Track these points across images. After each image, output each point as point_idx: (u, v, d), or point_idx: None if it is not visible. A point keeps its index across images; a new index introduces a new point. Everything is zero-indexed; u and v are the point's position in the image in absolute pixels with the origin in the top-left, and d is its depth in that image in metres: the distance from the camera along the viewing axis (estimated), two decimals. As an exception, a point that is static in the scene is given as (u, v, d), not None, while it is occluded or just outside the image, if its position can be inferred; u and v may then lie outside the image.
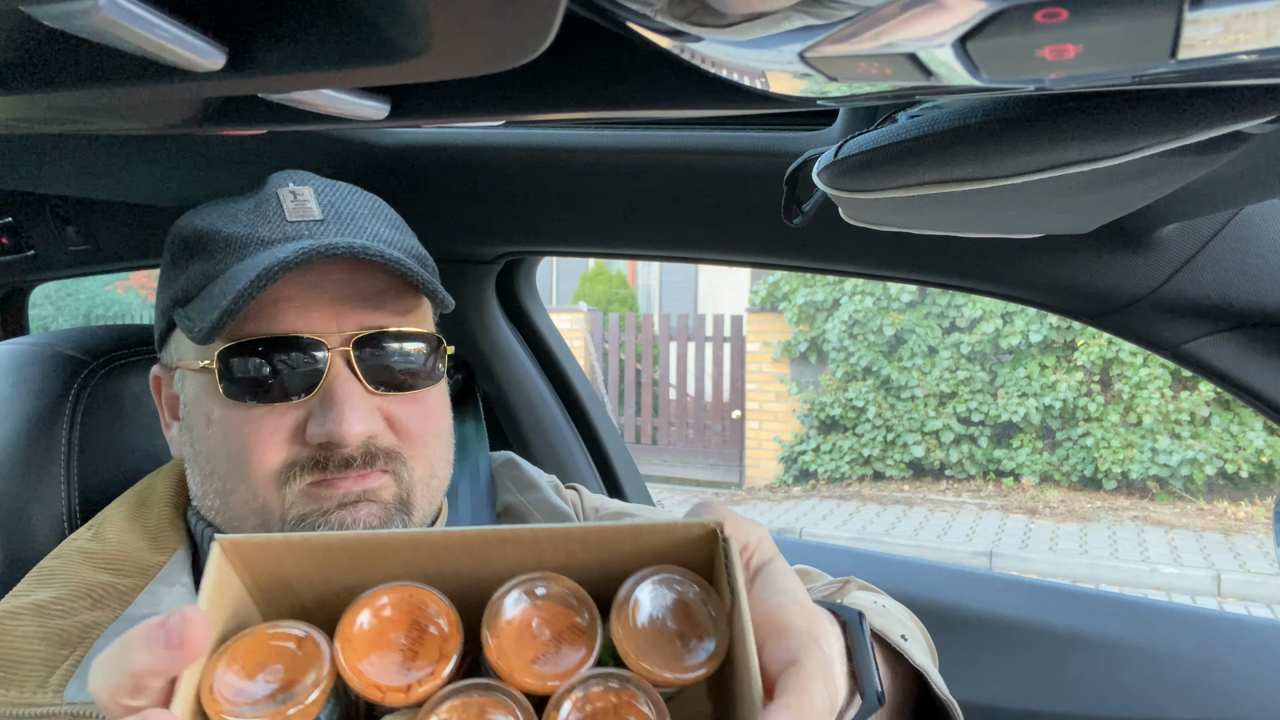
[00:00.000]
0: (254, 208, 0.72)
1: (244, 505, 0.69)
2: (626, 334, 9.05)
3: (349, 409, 0.67)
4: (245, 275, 0.65)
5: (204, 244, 0.71)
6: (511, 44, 0.38)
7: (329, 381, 0.68)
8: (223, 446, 0.69)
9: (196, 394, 0.72)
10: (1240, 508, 6.65)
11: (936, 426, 7.40)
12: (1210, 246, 0.89)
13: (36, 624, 0.66)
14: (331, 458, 0.68)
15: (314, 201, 0.73)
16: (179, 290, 0.72)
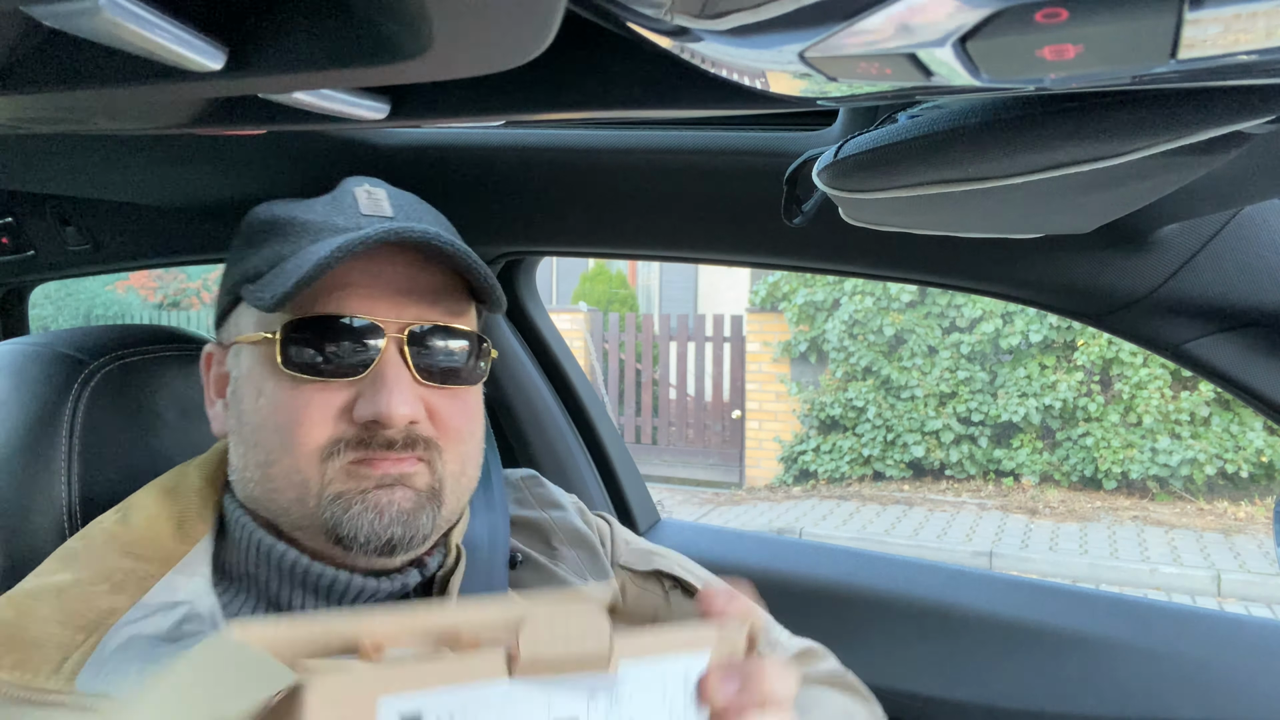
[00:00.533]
0: (330, 201, 0.78)
1: (284, 478, 0.71)
2: (626, 334, 9.05)
3: (397, 392, 0.70)
4: (322, 251, 0.68)
5: (280, 228, 0.75)
6: (511, 44, 0.38)
7: (381, 365, 0.71)
8: (271, 419, 0.72)
9: (251, 366, 0.74)
10: (1240, 508, 6.65)
11: (936, 426, 7.40)
12: (1210, 246, 0.89)
13: (55, 606, 0.67)
14: (375, 437, 0.70)
15: (386, 201, 0.78)
16: (250, 268, 0.75)
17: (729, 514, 7.15)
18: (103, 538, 0.72)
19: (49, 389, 0.85)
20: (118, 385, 0.89)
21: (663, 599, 0.94)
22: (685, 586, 0.95)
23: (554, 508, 0.96)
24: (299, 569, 0.73)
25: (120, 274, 6.00)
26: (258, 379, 0.73)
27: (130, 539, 0.72)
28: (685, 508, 7.41)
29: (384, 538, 0.71)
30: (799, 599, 1.36)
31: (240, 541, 0.74)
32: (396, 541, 0.72)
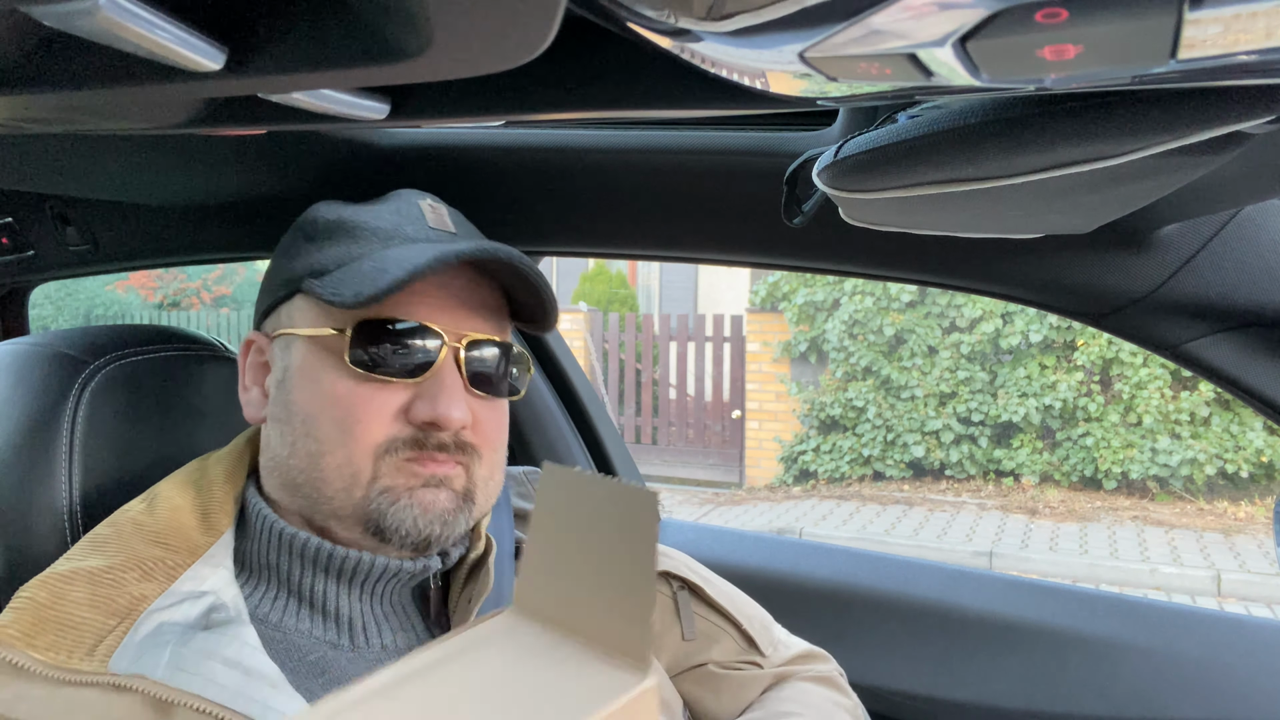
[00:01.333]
0: (395, 210, 0.81)
1: (335, 470, 0.74)
2: (626, 334, 9.05)
3: (456, 398, 0.75)
4: (402, 262, 0.72)
5: (348, 229, 0.79)
6: (511, 44, 0.38)
7: (439, 371, 0.75)
8: (329, 411, 0.74)
9: (306, 358, 0.77)
10: (1240, 508, 6.65)
11: (936, 426, 7.40)
12: (1210, 246, 0.89)
13: (88, 591, 0.69)
14: (429, 438, 0.75)
15: (449, 217, 0.83)
16: (313, 264, 0.78)
17: (729, 514, 7.15)
18: (131, 526, 0.74)
19: (49, 389, 0.85)
20: (118, 385, 0.89)
21: (670, 598, 0.96)
22: (692, 586, 0.97)
23: None
24: (323, 553, 0.75)
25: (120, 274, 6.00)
26: (314, 371, 0.76)
27: (158, 528, 0.74)
28: (685, 508, 7.41)
29: (424, 534, 0.74)
30: (799, 599, 1.36)
31: (261, 533, 0.76)
32: (434, 539, 0.75)
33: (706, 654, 0.95)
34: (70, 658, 0.65)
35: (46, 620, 0.67)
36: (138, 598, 0.69)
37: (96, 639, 0.66)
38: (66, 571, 0.70)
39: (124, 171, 1.20)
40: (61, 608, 0.67)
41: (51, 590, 0.68)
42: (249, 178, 1.23)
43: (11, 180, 1.23)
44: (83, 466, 0.84)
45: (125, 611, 0.68)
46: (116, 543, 0.73)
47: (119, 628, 0.67)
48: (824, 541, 2.24)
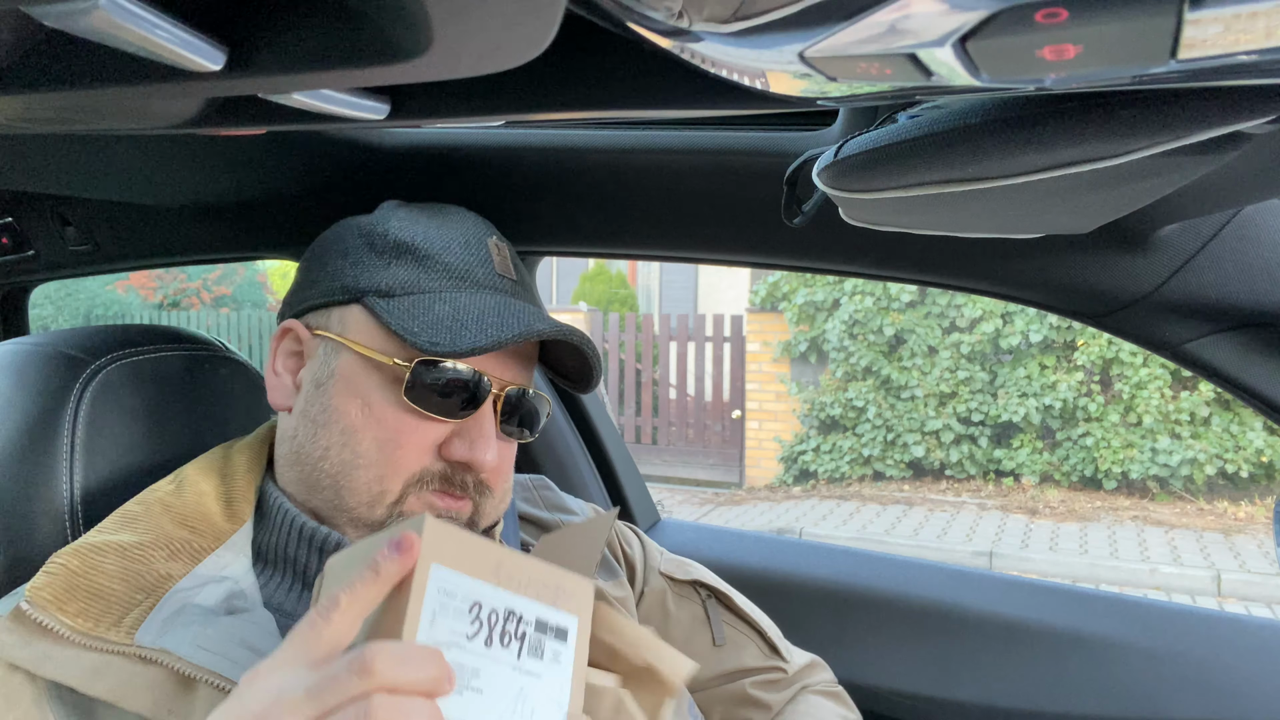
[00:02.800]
0: (465, 245, 0.83)
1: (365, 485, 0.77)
2: (626, 334, 9.05)
3: (491, 440, 0.79)
4: (482, 319, 0.77)
5: (418, 255, 0.81)
6: (511, 44, 0.38)
7: (481, 415, 0.79)
8: (373, 431, 0.77)
9: (356, 371, 0.79)
10: (1240, 508, 6.64)
11: (936, 426, 7.40)
12: (1210, 246, 0.89)
13: (119, 564, 0.71)
14: (458, 476, 0.78)
15: (511, 262, 0.86)
16: (379, 282, 0.79)
17: (729, 514, 7.15)
18: (160, 506, 0.76)
19: (50, 389, 0.85)
20: (119, 385, 0.89)
21: (700, 605, 1.01)
22: (719, 595, 1.02)
23: (562, 511, 1.01)
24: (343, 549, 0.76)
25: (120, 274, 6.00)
26: (364, 388, 0.78)
27: (185, 511, 0.77)
28: (685, 508, 7.41)
29: None
30: (799, 599, 1.36)
31: (280, 525, 0.78)
32: None
33: (736, 661, 0.99)
34: (98, 626, 0.67)
35: (77, 588, 0.69)
36: (164, 575, 0.71)
37: (124, 611, 0.68)
38: (99, 543, 0.72)
39: (124, 171, 1.20)
40: (92, 577, 0.70)
41: (84, 559, 0.71)
42: (249, 178, 1.23)
43: (11, 180, 1.22)
44: (83, 466, 0.84)
45: (152, 588, 0.70)
46: (146, 520, 0.75)
47: (145, 602, 0.69)
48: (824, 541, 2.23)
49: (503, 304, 0.79)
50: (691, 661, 0.65)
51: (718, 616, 1.00)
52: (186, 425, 0.94)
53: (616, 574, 0.95)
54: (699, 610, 1.00)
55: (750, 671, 0.98)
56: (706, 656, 0.98)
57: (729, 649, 0.99)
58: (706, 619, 0.99)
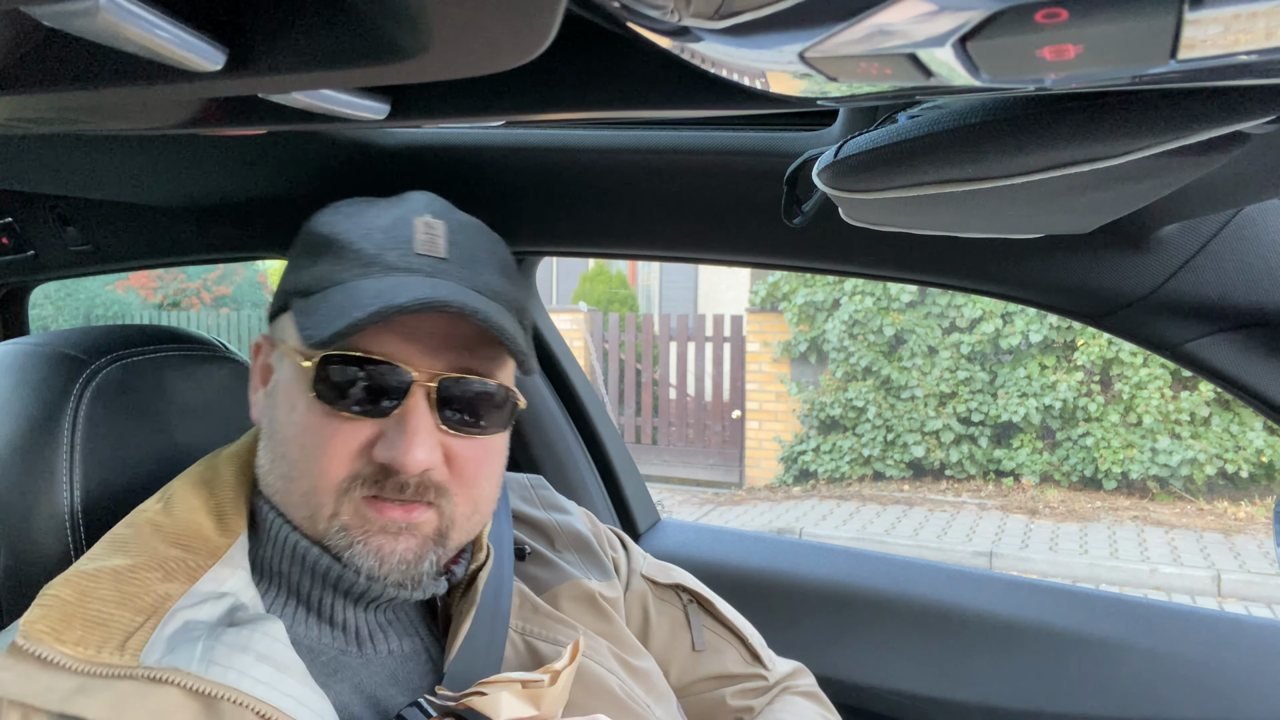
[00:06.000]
0: (388, 228, 0.76)
1: (301, 496, 0.74)
2: (626, 334, 9.05)
3: (417, 441, 0.71)
4: (367, 299, 0.69)
5: (335, 248, 0.75)
6: (511, 44, 0.38)
7: (405, 411, 0.72)
8: (298, 438, 0.74)
9: (290, 379, 0.76)
10: (1240, 508, 6.64)
11: (936, 426, 7.40)
12: (1210, 246, 0.89)
13: (114, 588, 0.69)
14: (389, 480, 0.72)
15: (443, 238, 0.77)
16: (302, 282, 0.76)
17: (729, 514, 7.15)
18: (149, 528, 0.74)
19: (50, 389, 0.85)
20: (119, 385, 0.89)
21: (682, 610, 1.00)
22: (700, 600, 1.01)
23: (558, 511, 0.99)
24: (332, 575, 0.74)
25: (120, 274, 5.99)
26: (293, 394, 0.75)
27: (176, 530, 0.74)
28: (685, 508, 7.41)
29: (384, 579, 0.73)
30: (799, 599, 1.36)
31: (274, 540, 0.76)
32: (397, 584, 0.74)
33: (717, 666, 0.98)
34: (100, 652, 0.65)
35: (74, 617, 0.66)
36: (163, 595, 0.69)
37: (125, 634, 0.66)
38: (91, 570, 0.70)
39: (124, 171, 1.20)
40: (88, 605, 0.67)
41: (77, 588, 0.68)
42: (249, 178, 1.23)
43: (11, 180, 1.23)
44: (83, 466, 0.83)
45: (151, 609, 0.68)
46: (136, 543, 0.73)
47: (146, 624, 0.67)
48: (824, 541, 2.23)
49: (399, 284, 0.71)
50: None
51: (698, 621, 0.99)
52: (186, 425, 0.94)
53: (609, 575, 0.94)
54: (679, 614, 0.99)
55: (731, 678, 0.98)
56: (686, 661, 0.97)
57: (709, 654, 0.98)
58: (687, 623, 0.98)
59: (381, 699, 0.73)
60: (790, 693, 0.99)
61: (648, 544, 1.53)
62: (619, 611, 0.92)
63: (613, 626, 0.89)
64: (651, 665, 0.90)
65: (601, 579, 0.92)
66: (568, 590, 0.88)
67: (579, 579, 0.90)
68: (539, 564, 0.90)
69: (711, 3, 0.35)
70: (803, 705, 0.97)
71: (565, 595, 0.88)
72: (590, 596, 0.89)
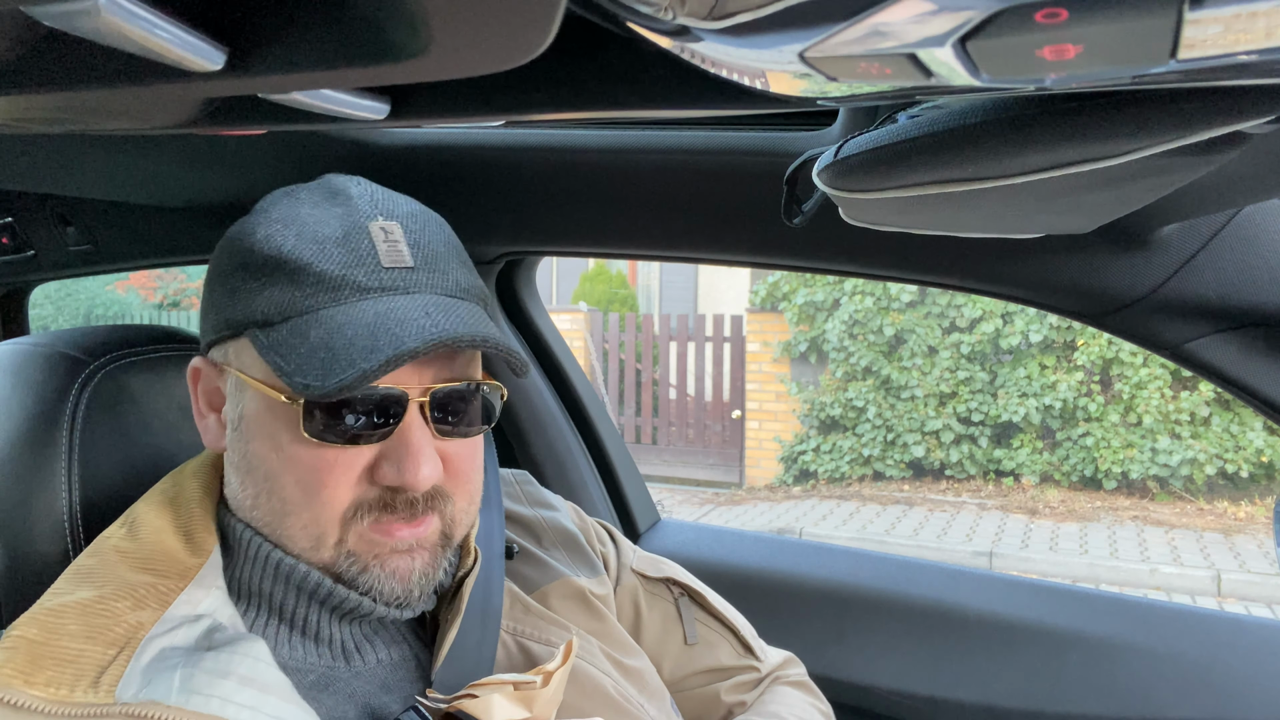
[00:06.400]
0: (343, 240, 0.71)
1: (300, 529, 0.71)
2: (626, 334, 9.05)
3: (423, 458, 0.69)
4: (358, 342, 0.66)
5: (289, 270, 0.70)
6: (511, 44, 0.38)
7: (405, 430, 0.70)
8: (291, 474, 0.70)
9: (261, 412, 0.71)
10: (1240, 508, 6.64)
11: (936, 426, 7.40)
12: (1210, 246, 0.89)
13: (82, 623, 0.66)
14: (398, 500, 0.70)
15: (404, 243, 0.73)
16: (258, 311, 0.70)
17: (729, 514, 7.15)
18: (115, 555, 0.71)
19: (49, 389, 0.85)
20: (118, 385, 0.89)
21: (673, 603, 0.99)
22: (692, 593, 1.00)
23: (545, 507, 0.98)
24: (322, 590, 0.72)
25: (120, 274, 5.99)
26: (270, 428, 0.71)
27: (143, 555, 0.71)
28: (685, 508, 7.41)
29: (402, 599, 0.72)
30: (799, 599, 1.36)
31: (254, 559, 0.73)
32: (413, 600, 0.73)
33: (710, 659, 0.98)
34: (73, 692, 0.62)
35: (42, 657, 0.63)
36: (134, 625, 0.66)
37: (98, 670, 0.63)
38: (55, 606, 0.67)
39: (124, 171, 1.20)
40: (56, 643, 0.64)
41: (42, 626, 0.65)
42: (249, 178, 1.23)
43: (11, 180, 1.23)
44: (83, 466, 0.83)
45: (124, 640, 0.65)
46: (103, 573, 0.70)
47: (120, 657, 0.64)
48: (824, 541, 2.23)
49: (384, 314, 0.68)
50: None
51: (690, 615, 0.99)
52: (186, 425, 0.94)
53: (598, 571, 0.94)
54: (670, 608, 0.98)
55: (724, 671, 0.98)
56: (679, 655, 0.97)
57: (702, 648, 0.98)
58: (678, 617, 0.98)
59: (375, 706, 0.72)
60: (780, 683, 0.99)
61: (647, 544, 1.53)
62: (609, 608, 0.92)
63: (604, 624, 0.88)
64: (644, 663, 0.89)
65: (591, 575, 0.92)
66: (558, 589, 0.88)
67: (569, 577, 0.89)
68: (528, 563, 0.90)
69: (705, 3, 0.35)
70: (792, 695, 0.96)
71: (555, 594, 0.87)
72: (581, 594, 0.88)
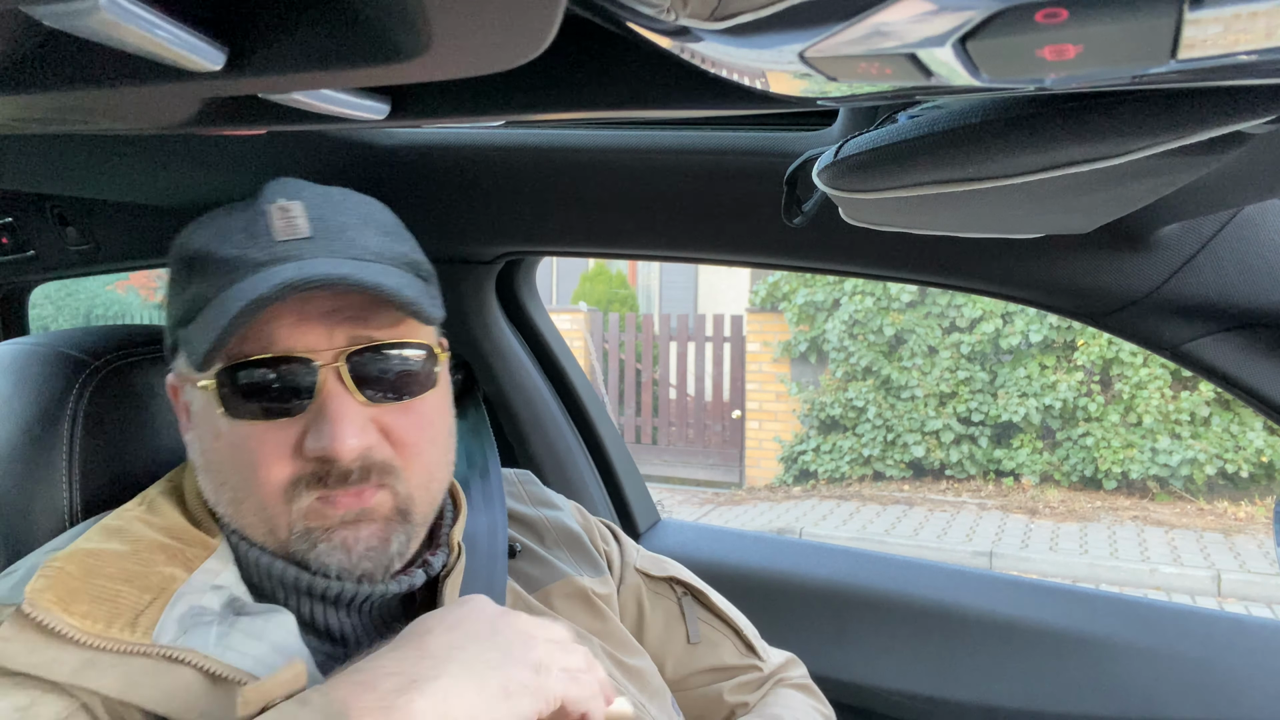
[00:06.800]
0: (245, 226, 0.72)
1: (253, 515, 0.72)
2: (626, 334, 9.05)
3: (343, 424, 0.68)
4: (233, 303, 0.67)
5: (200, 265, 0.72)
6: (511, 44, 0.38)
7: (322, 397, 0.69)
8: (231, 460, 0.72)
9: (202, 408, 0.74)
10: (1240, 508, 6.64)
11: (936, 426, 7.40)
12: (1210, 246, 0.89)
13: (118, 567, 0.67)
14: (331, 471, 0.70)
15: (303, 217, 0.73)
16: (181, 311, 0.74)
17: (729, 514, 7.15)
18: (139, 522, 0.73)
19: (50, 389, 0.85)
20: (119, 385, 0.89)
21: (676, 603, 0.99)
22: (695, 592, 1.01)
23: (548, 507, 0.99)
24: (289, 577, 0.73)
25: (120, 274, 5.99)
26: (209, 419, 0.72)
27: (164, 524, 0.74)
28: (685, 508, 7.41)
29: (355, 571, 0.72)
30: (799, 599, 1.36)
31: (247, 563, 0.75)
32: (368, 573, 0.73)
33: (713, 659, 0.98)
34: (110, 628, 0.63)
35: (78, 591, 0.64)
36: (168, 576, 0.68)
37: (135, 612, 0.65)
38: (92, 549, 0.68)
39: (124, 171, 1.20)
40: (94, 581, 0.66)
41: (81, 564, 0.67)
42: (249, 178, 1.23)
43: (11, 180, 1.23)
44: (83, 466, 0.83)
45: (159, 589, 0.67)
46: (131, 531, 0.72)
47: (155, 603, 0.66)
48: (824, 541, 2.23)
49: (264, 277, 0.67)
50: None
51: (693, 614, 0.99)
52: (186, 425, 0.94)
53: (601, 570, 0.94)
54: (674, 607, 0.99)
55: (727, 670, 0.98)
56: (682, 654, 0.97)
57: (704, 647, 0.98)
58: (681, 616, 0.98)
59: None
60: (783, 685, 1.00)
61: (648, 544, 1.53)
62: (612, 608, 0.92)
63: (606, 624, 0.88)
64: (646, 663, 0.90)
65: (594, 575, 0.92)
66: (561, 589, 0.88)
67: (572, 576, 0.89)
68: (531, 562, 0.90)
69: (708, 3, 0.35)
70: (795, 698, 0.97)
71: (558, 594, 0.88)
72: (583, 594, 0.88)
